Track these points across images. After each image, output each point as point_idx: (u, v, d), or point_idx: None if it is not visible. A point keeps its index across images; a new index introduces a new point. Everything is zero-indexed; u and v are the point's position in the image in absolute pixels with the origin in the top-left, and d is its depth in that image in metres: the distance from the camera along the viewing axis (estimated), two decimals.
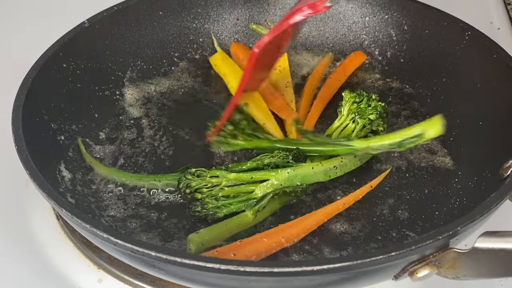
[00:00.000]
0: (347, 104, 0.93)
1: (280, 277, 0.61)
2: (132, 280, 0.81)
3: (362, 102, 0.92)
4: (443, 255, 0.66)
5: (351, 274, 0.64)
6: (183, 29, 1.10)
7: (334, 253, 0.79)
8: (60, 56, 0.93)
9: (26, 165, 0.74)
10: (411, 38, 1.06)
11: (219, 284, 0.67)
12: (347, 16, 1.12)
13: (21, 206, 0.91)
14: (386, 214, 0.84)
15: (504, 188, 0.72)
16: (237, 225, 0.80)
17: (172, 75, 1.08)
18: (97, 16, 1.00)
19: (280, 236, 0.78)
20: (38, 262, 0.83)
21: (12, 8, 1.35)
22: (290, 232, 0.79)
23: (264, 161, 0.84)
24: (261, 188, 0.82)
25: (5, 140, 0.84)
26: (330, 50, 1.12)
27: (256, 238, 0.77)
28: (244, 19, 1.14)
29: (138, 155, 0.92)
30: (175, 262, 0.62)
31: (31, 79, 0.86)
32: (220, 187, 0.82)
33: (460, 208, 0.83)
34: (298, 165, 0.84)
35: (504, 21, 1.29)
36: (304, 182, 0.83)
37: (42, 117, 0.87)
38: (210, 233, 0.78)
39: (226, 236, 0.79)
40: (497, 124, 0.88)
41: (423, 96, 1.02)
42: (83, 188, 0.85)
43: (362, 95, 0.93)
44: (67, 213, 0.69)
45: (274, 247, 0.77)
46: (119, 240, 0.64)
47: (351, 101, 0.93)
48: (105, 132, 0.96)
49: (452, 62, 1.00)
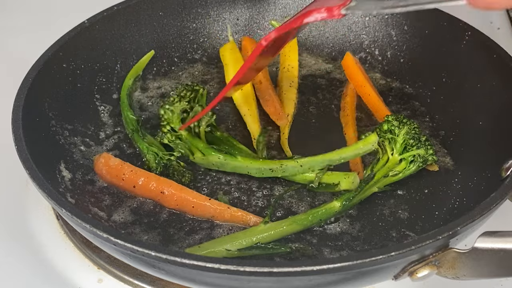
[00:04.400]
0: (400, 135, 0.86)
1: (280, 277, 0.62)
2: (132, 280, 0.81)
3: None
4: (443, 255, 0.66)
5: (351, 274, 0.64)
6: (183, 29, 1.10)
7: (334, 253, 0.79)
8: (60, 56, 0.93)
9: (26, 165, 0.74)
10: (411, 38, 1.06)
11: (219, 284, 0.67)
12: (347, 16, 1.12)
13: (21, 206, 0.91)
14: (386, 214, 0.84)
15: (504, 188, 0.72)
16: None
17: (172, 75, 1.08)
18: (97, 16, 1.00)
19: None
20: (38, 262, 0.83)
21: (12, 8, 1.35)
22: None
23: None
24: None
25: (5, 140, 0.84)
26: (330, 50, 1.12)
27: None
28: (244, 19, 1.14)
29: (139, 155, 0.92)
30: (175, 262, 0.62)
31: (31, 79, 0.86)
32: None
33: (460, 208, 0.83)
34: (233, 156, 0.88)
35: (504, 21, 1.29)
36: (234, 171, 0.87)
37: (42, 117, 0.87)
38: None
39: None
40: (497, 124, 0.88)
41: (423, 96, 1.02)
42: (83, 188, 0.85)
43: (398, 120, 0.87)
44: (67, 213, 0.69)
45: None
46: (119, 240, 0.64)
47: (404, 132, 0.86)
48: (105, 132, 0.95)
49: (452, 62, 1.00)
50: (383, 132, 0.87)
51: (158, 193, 0.83)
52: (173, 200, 0.83)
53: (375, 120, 0.99)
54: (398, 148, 0.86)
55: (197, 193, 0.84)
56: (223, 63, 1.08)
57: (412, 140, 0.85)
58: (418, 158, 0.85)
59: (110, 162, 0.86)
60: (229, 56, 1.07)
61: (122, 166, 0.85)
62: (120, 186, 0.85)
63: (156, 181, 0.84)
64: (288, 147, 0.93)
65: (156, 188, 0.83)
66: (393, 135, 0.86)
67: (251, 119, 0.98)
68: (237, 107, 1.01)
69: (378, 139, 0.86)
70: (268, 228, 0.79)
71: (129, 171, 0.85)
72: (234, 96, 1.01)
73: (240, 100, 1.00)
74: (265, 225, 0.79)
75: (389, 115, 0.88)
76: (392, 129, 0.86)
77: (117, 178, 0.85)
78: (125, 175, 0.84)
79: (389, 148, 0.86)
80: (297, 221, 0.80)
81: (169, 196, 0.83)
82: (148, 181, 0.84)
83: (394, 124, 0.86)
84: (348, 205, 0.82)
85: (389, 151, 0.86)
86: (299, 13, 0.78)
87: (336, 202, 0.82)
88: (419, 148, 0.85)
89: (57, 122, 0.89)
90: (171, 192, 0.83)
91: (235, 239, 0.78)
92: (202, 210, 0.82)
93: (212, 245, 0.77)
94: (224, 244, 0.77)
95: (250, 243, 0.78)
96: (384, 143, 0.87)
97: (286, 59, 1.08)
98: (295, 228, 0.80)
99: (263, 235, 0.78)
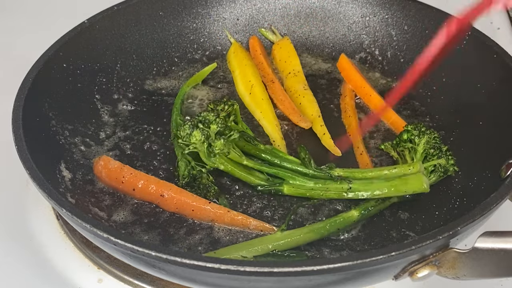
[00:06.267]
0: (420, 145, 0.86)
1: (280, 277, 0.61)
2: (132, 280, 0.81)
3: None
4: (443, 255, 0.66)
5: (351, 274, 0.64)
6: (183, 29, 1.10)
7: (334, 253, 0.79)
8: (60, 56, 0.93)
9: (26, 165, 0.74)
10: (411, 38, 1.06)
11: (219, 284, 0.67)
12: (347, 16, 1.12)
13: (21, 206, 0.90)
14: (386, 214, 0.84)
15: (504, 188, 0.72)
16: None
17: (172, 75, 1.08)
18: (97, 16, 1.00)
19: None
20: (38, 262, 0.83)
21: (12, 8, 1.35)
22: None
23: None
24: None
25: (5, 140, 0.84)
26: (330, 50, 1.12)
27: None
28: (244, 19, 1.14)
29: (139, 155, 0.92)
30: (175, 262, 0.62)
31: (31, 79, 0.86)
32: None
33: (460, 208, 0.83)
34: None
35: (504, 21, 1.29)
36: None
37: (42, 117, 0.87)
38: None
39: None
40: (497, 124, 0.88)
41: (423, 96, 1.02)
42: (84, 188, 0.85)
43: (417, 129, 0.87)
44: (67, 213, 0.69)
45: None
46: (119, 240, 0.64)
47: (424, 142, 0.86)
48: (105, 132, 0.95)
49: (452, 62, 0.99)
50: (403, 141, 0.87)
51: (158, 196, 0.83)
52: (172, 203, 0.83)
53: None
54: (418, 157, 0.85)
55: (197, 197, 0.83)
56: (230, 71, 1.08)
57: (433, 149, 0.85)
58: (439, 168, 0.85)
59: (109, 164, 0.86)
60: (234, 61, 1.07)
61: (121, 169, 0.85)
62: (119, 189, 0.85)
63: (155, 184, 0.84)
64: (334, 146, 0.92)
65: (155, 191, 0.83)
66: (413, 144, 0.86)
67: (267, 122, 0.97)
68: (251, 112, 1.00)
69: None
70: (285, 236, 0.78)
71: (129, 174, 0.84)
72: (245, 102, 1.01)
73: (252, 105, 1.00)
74: (282, 232, 0.78)
75: (408, 125, 0.88)
76: (412, 138, 0.86)
77: (116, 181, 0.85)
78: (125, 178, 0.84)
79: (409, 157, 0.86)
80: (315, 229, 0.79)
81: (169, 199, 0.83)
82: (148, 184, 0.84)
83: (414, 134, 0.86)
84: (367, 214, 0.81)
85: (409, 160, 0.86)
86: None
87: (354, 211, 0.81)
88: (440, 158, 0.85)
89: (57, 122, 0.89)
90: (171, 195, 0.83)
91: (251, 246, 0.77)
92: (202, 213, 0.82)
93: (228, 252, 0.76)
94: (240, 250, 0.76)
95: (266, 250, 0.77)
96: (404, 153, 0.87)
97: (287, 65, 1.06)
98: (312, 236, 0.78)
99: (279, 243, 0.77)
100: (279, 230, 0.79)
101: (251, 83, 1.02)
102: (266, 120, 0.97)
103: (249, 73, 1.04)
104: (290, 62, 1.07)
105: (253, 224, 0.81)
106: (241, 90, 1.03)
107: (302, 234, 0.78)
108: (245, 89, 1.03)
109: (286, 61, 1.07)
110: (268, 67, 1.07)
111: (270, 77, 1.04)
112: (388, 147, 0.91)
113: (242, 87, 1.03)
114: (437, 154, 0.85)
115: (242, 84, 1.04)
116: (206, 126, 0.83)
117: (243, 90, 1.03)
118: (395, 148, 0.89)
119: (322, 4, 1.13)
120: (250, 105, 1.01)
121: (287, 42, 1.10)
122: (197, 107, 1.01)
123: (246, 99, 1.01)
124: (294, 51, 1.09)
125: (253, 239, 0.79)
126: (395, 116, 0.98)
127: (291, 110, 0.99)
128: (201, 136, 0.82)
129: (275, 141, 0.94)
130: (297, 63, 1.07)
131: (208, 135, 0.82)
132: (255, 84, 1.02)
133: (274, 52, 1.10)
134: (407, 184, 0.80)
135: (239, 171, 0.86)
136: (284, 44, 1.10)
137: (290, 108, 0.99)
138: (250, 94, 1.01)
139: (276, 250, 0.77)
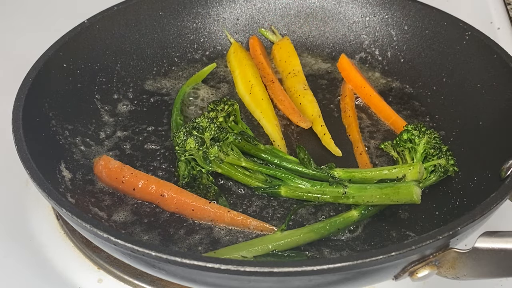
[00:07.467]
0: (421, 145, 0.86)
1: (280, 277, 0.61)
2: (132, 280, 0.81)
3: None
4: (443, 255, 0.66)
5: (351, 274, 0.64)
6: (183, 29, 1.10)
7: (334, 253, 0.79)
8: (60, 56, 0.93)
9: (26, 165, 0.74)
10: (411, 38, 1.06)
11: (219, 284, 0.67)
12: (347, 16, 1.12)
13: (21, 206, 0.90)
14: (386, 214, 0.84)
15: (504, 188, 0.72)
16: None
17: (172, 75, 1.08)
18: (97, 16, 1.00)
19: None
20: (38, 262, 0.83)
21: (12, 8, 1.35)
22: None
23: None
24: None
25: (5, 140, 0.84)
26: (330, 50, 1.12)
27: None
28: (244, 19, 1.14)
29: (139, 155, 0.92)
30: (175, 262, 0.62)
31: (31, 79, 0.86)
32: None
33: (460, 208, 0.83)
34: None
35: (504, 21, 1.29)
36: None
37: (42, 117, 0.87)
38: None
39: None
40: (497, 124, 0.88)
41: (423, 96, 1.02)
42: (84, 188, 0.85)
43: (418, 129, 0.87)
44: (67, 213, 0.69)
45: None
46: (119, 240, 0.64)
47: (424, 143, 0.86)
48: (105, 132, 0.95)
49: (452, 62, 1.00)
50: (403, 141, 0.87)
51: (158, 196, 0.83)
52: (172, 203, 0.83)
53: (376, 119, 0.99)
54: (418, 157, 0.85)
55: (197, 197, 0.83)
56: (230, 71, 1.08)
57: (433, 149, 0.85)
58: (439, 168, 0.85)
59: (109, 164, 0.86)
60: (234, 61, 1.07)
61: (122, 169, 0.85)
62: (119, 189, 0.85)
63: (156, 184, 0.84)
64: (335, 146, 0.92)
65: (156, 191, 0.83)
66: (413, 144, 0.86)
67: (267, 122, 0.97)
68: (251, 112, 1.00)
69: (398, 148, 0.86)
70: (285, 236, 0.78)
71: (129, 174, 0.84)
72: (245, 102, 1.01)
73: (252, 105, 1.00)
74: (281, 232, 0.78)
75: (408, 125, 0.88)
76: (412, 138, 0.86)
77: (116, 181, 0.85)
78: (125, 178, 0.84)
79: (409, 157, 0.86)
80: (315, 229, 0.79)
81: (169, 199, 0.83)
82: (148, 184, 0.84)
83: (414, 134, 0.86)
84: (367, 214, 0.81)
85: (409, 160, 0.86)
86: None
87: (354, 211, 0.81)
88: (440, 158, 0.85)
89: (57, 122, 0.89)
90: (171, 195, 0.83)
91: (251, 246, 0.77)
92: (202, 213, 0.82)
93: (228, 252, 0.76)
94: (240, 250, 0.76)
95: (266, 250, 0.77)
96: (404, 153, 0.87)
97: (287, 65, 1.07)
98: (312, 236, 0.78)
99: (279, 243, 0.77)
100: (279, 230, 0.79)
101: (251, 83, 1.02)
102: (266, 120, 0.97)
103: (249, 73, 1.04)
104: (290, 62, 1.07)
105: (253, 224, 0.81)
106: (241, 90, 1.03)
107: (302, 234, 0.78)
108: (245, 89, 1.03)
109: (286, 61, 1.07)
110: (268, 67, 1.07)
111: (270, 77, 1.04)
112: (388, 147, 0.91)
113: (242, 87, 1.03)
114: (437, 154, 0.85)
115: (242, 84, 1.04)
116: (200, 132, 0.83)
117: (243, 90, 1.03)
118: (395, 148, 0.89)
119: (322, 4, 1.13)
120: (250, 105, 1.01)
121: (287, 42, 1.10)
122: (197, 107, 1.01)
123: (246, 99, 1.01)
124: (294, 51, 1.09)
125: (253, 239, 0.79)
126: (395, 116, 0.98)
127: (291, 110, 0.99)
128: (195, 144, 0.82)
129: (275, 141, 0.94)
130: (297, 63, 1.07)
131: (202, 142, 0.82)
132: (255, 84, 1.02)
133: (274, 52, 1.11)
134: (398, 194, 0.79)
135: (237, 173, 0.86)
136: (284, 44, 1.10)
137: (290, 108, 0.99)
138: (250, 94, 1.01)
139: (276, 250, 0.77)
